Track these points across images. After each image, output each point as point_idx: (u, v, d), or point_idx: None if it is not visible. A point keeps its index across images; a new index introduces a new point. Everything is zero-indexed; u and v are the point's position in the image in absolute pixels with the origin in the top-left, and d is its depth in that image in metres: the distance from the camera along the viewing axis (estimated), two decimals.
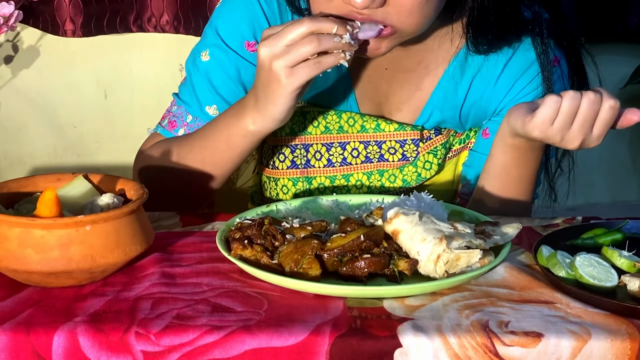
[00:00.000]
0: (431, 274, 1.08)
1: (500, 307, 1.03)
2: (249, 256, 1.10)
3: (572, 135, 1.23)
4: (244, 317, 1.00)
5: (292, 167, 1.51)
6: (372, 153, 1.49)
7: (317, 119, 1.49)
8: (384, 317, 1.00)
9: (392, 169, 1.50)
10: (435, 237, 1.08)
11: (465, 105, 1.45)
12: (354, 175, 1.50)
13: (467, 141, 1.51)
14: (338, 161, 1.49)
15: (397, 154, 1.49)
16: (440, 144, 1.49)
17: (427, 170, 1.49)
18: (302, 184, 1.51)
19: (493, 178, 1.38)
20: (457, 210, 1.26)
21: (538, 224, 1.30)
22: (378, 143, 1.49)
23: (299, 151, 1.50)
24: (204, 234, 1.25)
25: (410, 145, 1.48)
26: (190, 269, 1.12)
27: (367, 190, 1.50)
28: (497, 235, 1.14)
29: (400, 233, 1.11)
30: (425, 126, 1.49)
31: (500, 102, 1.43)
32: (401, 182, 1.50)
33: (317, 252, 1.09)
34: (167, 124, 1.46)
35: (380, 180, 1.50)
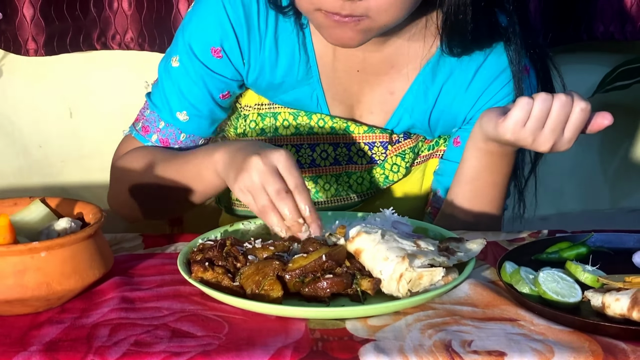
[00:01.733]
0: (394, 293, 1.06)
1: (464, 326, 1.02)
2: (210, 278, 1.08)
3: (544, 137, 1.23)
4: (204, 342, 0.98)
5: None
6: (341, 155, 1.49)
7: (288, 120, 1.48)
8: (346, 339, 0.99)
9: (361, 171, 1.50)
10: (398, 256, 1.07)
11: (435, 111, 1.44)
12: (322, 177, 1.49)
13: (436, 148, 1.51)
14: (307, 162, 1.49)
15: (366, 157, 1.48)
16: (408, 148, 1.49)
17: (394, 172, 1.49)
18: None
19: (465, 184, 1.37)
20: (422, 227, 1.25)
21: (504, 239, 1.29)
22: (347, 145, 1.48)
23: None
24: (167, 255, 1.23)
25: (379, 148, 1.48)
26: (151, 292, 1.11)
27: (334, 191, 1.49)
28: (461, 251, 1.13)
29: (362, 252, 1.10)
30: (395, 130, 1.48)
31: (471, 110, 1.42)
32: (369, 184, 1.50)
33: (279, 273, 1.07)
34: (140, 129, 1.46)
35: (348, 182, 1.50)
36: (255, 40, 1.39)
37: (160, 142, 1.44)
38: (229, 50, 1.39)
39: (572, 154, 1.90)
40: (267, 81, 1.43)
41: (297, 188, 1.16)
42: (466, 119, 1.43)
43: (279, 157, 1.17)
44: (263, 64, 1.41)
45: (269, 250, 1.13)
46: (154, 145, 1.44)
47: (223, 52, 1.39)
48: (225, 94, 1.43)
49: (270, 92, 1.46)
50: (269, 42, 1.40)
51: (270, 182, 1.15)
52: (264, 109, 1.50)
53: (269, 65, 1.41)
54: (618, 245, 1.20)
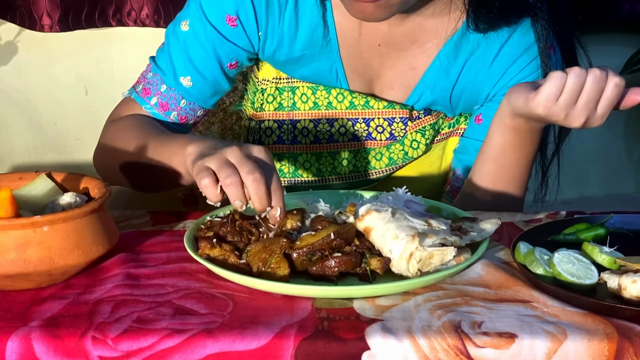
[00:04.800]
0: (404, 272, 1.03)
1: (475, 307, 0.99)
2: (216, 255, 1.06)
3: (577, 112, 1.19)
4: (207, 319, 0.96)
5: (279, 143, 1.49)
6: (359, 131, 1.46)
7: (306, 94, 1.46)
8: (353, 318, 0.96)
9: (380, 147, 1.47)
10: (408, 235, 1.04)
11: (457, 88, 1.41)
12: (341, 153, 1.47)
13: (457, 126, 1.48)
14: (325, 138, 1.47)
15: (385, 133, 1.46)
16: (428, 124, 1.46)
17: (414, 149, 1.46)
18: (287, 160, 1.48)
19: (489, 161, 1.33)
20: (435, 206, 1.22)
21: (520, 219, 1.26)
22: (366, 120, 1.46)
23: (286, 127, 1.48)
24: (174, 232, 1.21)
25: (399, 124, 1.45)
26: (156, 269, 1.09)
27: (353, 167, 1.46)
28: (475, 231, 1.10)
29: (372, 230, 1.07)
30: (415, 106, 1.45)
31: (494, 87, 1.39)
32: (387, 160, 1.47)
33: (286, 251, 1.05)
34: (141, 90, 1.42)
35: (366, 158, 1.47)
36: (274, 13, 1.36)
37: (160, 106, 1.40)
38: (244, 20, 1.37)
39: (595, 136, 1.87)
40: (285, 54, 1.40)
41: (272, 184, 1.08)
42: (489, 96, 1.40)
43: (258, 150, 1.11)
44: (282, 36, 1.38)
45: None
46: (149, 117, 1.40)
47: (238, 21, 1.36)
48: (233, 64, 1.40)
49: (288, 66, 1.44)
50: (289, 15, 1.37)
51: (245, 163, 1.07)
52: (282, 83, 1.47)
53: (288, 38, 1.39)
54: (638, 227, 1.17)
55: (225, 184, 1.06)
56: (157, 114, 1.40)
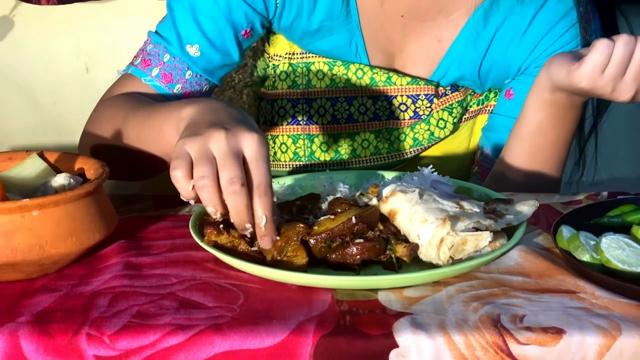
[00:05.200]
0: (433, 260, 0.93)
1: (514, 298, 0.88)
2: (224, 242, 0.96)
3: (625, 85, 1.09)
4: (215, 314, 0.86)
5: (293, 123, 1.38)
6: (381, 109, 1.35)
7: (322, 71, 1.35)
8: (378, 312, 0.86)
9: (403, 127, 1.36)
10: (438, 218, 0.93)
11: (486, 61, 1.30)
12: (361, 134, 1.36)
13: (486, 103, 1.37)
14: (343, 118, 1.36)
15: (409, 111, 1.35)
16: (456, 102, 1.35)
17: (440, 129, 1.35)
18: (302, 142, 1.37)
19: (524, 140, 1.22)
20: (465, 187, 1.11)
21: (558, 201, 1.15)
22: (388, 98, 1.35)
23: (301, 106, 1.36)
24: (179, 218, 1.11)
25: (424, 102, 1.34)
26: (159, 258, 0.99)
27: (374, 149, 1.36)
28: (510, 214, 0.99)
29: (397, 214, 0.96)
30: (441, 82, 1.34)
31: (527, 58, 1.28)
32: (412, 141, 1.36)
33: (303, 238, 0.94)
34: (140, 63, 1.28)
35: (389, 139, 1.36)
36: None
37: (162, 78, 1.26)
38: None
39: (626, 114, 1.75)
40: (303, 26, 1.29)
41: (259, 187, 0.91)
42: (521, 68, 1.29)
43: (250, 141, 0.91)
44: (301, 6, 1.27)
45: (295, 205, 1.01)
46: (147, 94, 1.26)
47: None
48: (248, 31, 1.27)
49: (305, 39, 1.32)
50: None
51: (227, 166, 0.90)
52: (296, 58, 1.36)
53: (307, 9, 1.28)
54: None
55: (197, 185, 0.90)
56: (159, 86, 1.26)
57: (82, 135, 1.26)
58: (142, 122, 1.13)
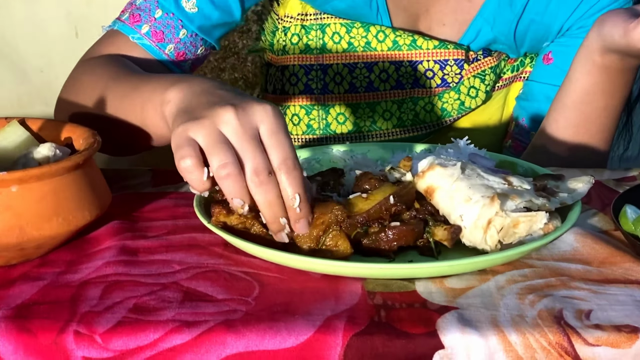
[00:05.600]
0: (479, 245, 0.80)
1: (576, 290, 0.76)
2: (235, 224, 0.83)
3: None
4: (227, 308, 0.73)
5: (306, 92, 1.24)
6: (404, 76, 1.21)
7: (339, 33, 1.21)
8: (418, 306, 0.73)
9: (430, 96, 1.22)
10: (485, 196, 0.80)
11: (523, 21, 1.17)
12: (382, 104, 1.22)
13: (521, 69, 1.24)
14: (363, 86, 1.22)
15: (436, 78, 1.21)
16: (489, 68, 1.21)
17: (472, 98, 1.22)
18: (317, 112, 1.23)
19: (570, 109, 1.09)
20: (508, 160, 0.98)
21: (609, 177, 1.03)
22: (413, 64, 1.21)
23: (315, 73, 1.23)
24: (182, 195, 0.98)
25: (453, 67, 1.21)
26: (159, 241, 0.86)
27: (396, 121, 1.22)
28: (563, 191, 0.86)
29: (436, 191, 0.83)
30: (472, 46, 1.21)
31: (568, 18, 1.15)
32: (440, 111, 1.23)
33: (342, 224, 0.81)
34: (128, 18, 1.12)
35: (414, 109, 1.23)
36: None
37: (152, 36, 1.11)
38: None
39: None
40: None
41: (285, 164, 0.77)
42: (562, 29, 1.16)
43: (263, 114, 0.78)
44: None
45: (315, 182, 0.88)
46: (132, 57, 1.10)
47: None
48: None
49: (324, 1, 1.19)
50: None
51: (248, 151, 0.77)
52: (309, 19, 1.23)
53: None
54: None
55: (219, 175, 0.77)
56: (149, 45, 1.11)
57: (58, 101, 1.11)
58: (122, 97, 0.99)
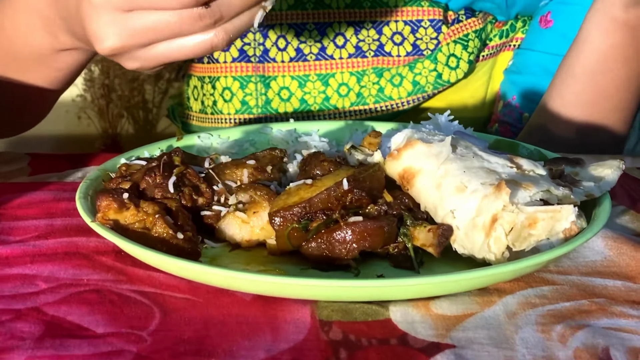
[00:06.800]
0: (478, 252, 0.57)
1: (622, 318, 0.53)
2: (130, 223, 0.59)
3: None
4: (109, 347, 0.49)
5: (241, 60, 0.99)
6: (366, 41, 0.97)
7: None
8: (395, 343, 0.50)
9: (397, 66, 0.98)
10: (486, 183, 0.57)
11: None
12: (337, 75, 0.98)
13: (511, 35, 1.00)
14: (313, 53, 0.98)
15: (406, 44, 0.97)
16: (472, 31, 0.97)
17: (451, 69, 0.98)
18: (254, 86, 0.98)
19: (580, 82, 0.87)
20: (505, 141, 0.74)
21: (631, 165, 0.80)
22: (376, 25, 0.97)
23: (252, 35, 0.98)
24: (65, 186, 0.73)
25: (428, 30, 0.97)
26: (23, 248, 0.61)
27: (355, 98, 0.98)
28: (586, 180, 0.63)
29: (416, 176, 0.60)
30: (451, 5, 0.97)
31: None
32: (411, 85, 0.98)
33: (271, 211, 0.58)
34: None
35: (377, 82, 0.99)
36: None
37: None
38: None
39: None
40: None
41: None
42: None
43: None
44: None
45: (246, 167, 0.64)
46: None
47: None
48: None
49: None
50: None
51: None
52: None
53: None
54: None
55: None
56: None
57: None
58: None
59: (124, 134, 1.40)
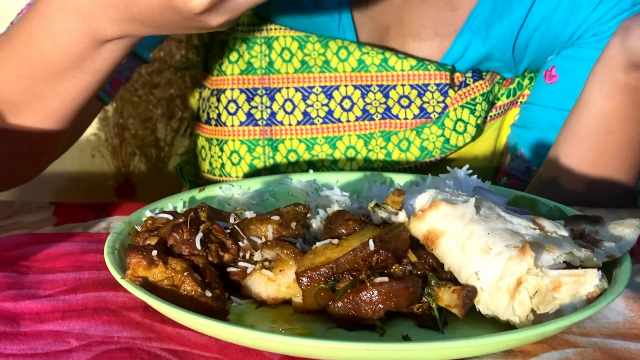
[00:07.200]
0: (503, 314, 0.58)
1: None
2: (159, 280, 0.60)
3: None
4: None
5: (249, 124, 0.99)
6: (373, 105, 0.98)
7: (290, 49, 0.98)
8: None
9: (405, 129, 0.98)
10: (511, 245, 0.58)
11: (525, 31, 0.95)
12: (344, 138, 0.98)
13: (519, 93, 1.01)
14: (320, 116, 0.98)
15: (413, 107, 0.98)
16: (480, 95, 0.98)
17: (459, 134, 0.98)
18: (262, 149, 0.98)
19: (585, 142, 0.87)
20: (525, 197, 0.75)
21: None
22: (384, 89, 0.98)
23: (259, 98, 0.98)
24: (91, 237, 0.74)
25: (435, 94, 0.97)
26: (53, 303, 0.62)
27: (363, 162, 0.98)
28: (606, 239, 0.64)
29: (441, 237, 0.61)
30: (458, 66, 0.98)
31: (582, 23, 0.93)
32: (418, 150, 0.98)
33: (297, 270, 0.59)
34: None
35: (385, 147, 0.99)
36: None
37: None
38: None
39: None
40: None
41: None
42: (572, 37, 0.94)
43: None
44: None
45: (271, 223, 0.65)
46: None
47: None
48: None
49: (269, 5, 0.95)
50: None
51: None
52: (252, 31, 0.99)
53: None
54: None
55: None
56: None
57: None
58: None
59: (136, 172, 1.41)
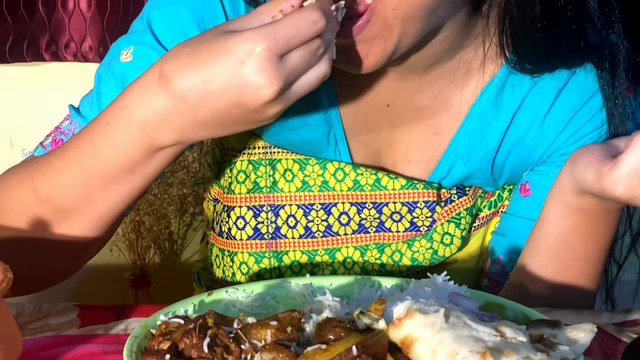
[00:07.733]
0: None
1: None
2: None
3: None
4: None
5: (255, 237, 1.10)
6: (368, 220, 1.09)
7: (291, 170, 1.09)
8: None
9: (397, 242, 1.10)
10: (474, 351, 0.67)
11: (501, 153, 1.06)
12: (343, 250, 1.09)
13: (500, 204, 1.12)
14: (320, 230, 1.09)
15: (404, 222, 1.09)
16: (464, 209, 1.09)
17: (446, 245, 1.09)
18: (268, 260, 1.09)
19: (546, 255, 0.98)
20: (494, 302, 0.85)
21: (607, 321, 0.90)
22: (377, 206, 1.09)
23: (265, 215, 1.09)
24: (110, 339, 0.83)
25: (424, 210, 1.08)
26: None
27: (360, 271, 1.09)
28: (562, 342, 0.73)
29: (415, 343, 0.70)
30: (444, 183, 1.09)
31: (550, 146, 1.04)
32: (409, 261, 1.09)
33: None
34: (49, 144, 1.02)
35: (379, 258, 1.10)
36: None
37: None
38: None
39: None
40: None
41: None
42: (542, 157, 1.05)
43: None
44: None
45: (269, 327, 0.74)
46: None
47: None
48: None
49: (272, 129, 1.07)
50: None
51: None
52: (257, 154, 1.10)
53: None
54: None
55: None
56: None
57: None
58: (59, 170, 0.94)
59: (151, 264, 1.52)
